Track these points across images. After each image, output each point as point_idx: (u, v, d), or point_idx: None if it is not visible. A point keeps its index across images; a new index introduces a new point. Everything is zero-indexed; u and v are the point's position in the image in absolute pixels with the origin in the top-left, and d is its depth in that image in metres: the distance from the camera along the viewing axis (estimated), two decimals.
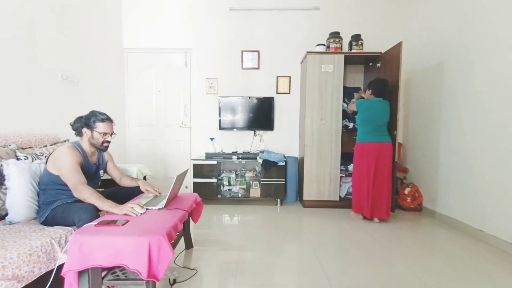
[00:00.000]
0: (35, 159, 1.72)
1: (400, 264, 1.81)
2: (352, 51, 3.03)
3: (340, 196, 3.04)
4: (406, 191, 3.05)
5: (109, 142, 1.72)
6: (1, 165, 1.53)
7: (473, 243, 2.17)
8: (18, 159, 1.65)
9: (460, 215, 2.48)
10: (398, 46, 2.60)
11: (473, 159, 2.35)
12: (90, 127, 1.64)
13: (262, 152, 3.16)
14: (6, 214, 1.51)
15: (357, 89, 3.28)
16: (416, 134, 3.14)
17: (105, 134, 1.67)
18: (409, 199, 3.01)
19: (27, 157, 1.69)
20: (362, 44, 3.02)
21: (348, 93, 3.19)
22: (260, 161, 3.02)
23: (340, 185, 3.04)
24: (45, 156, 1.77)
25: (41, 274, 1.22)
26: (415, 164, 3.16)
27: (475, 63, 2.33)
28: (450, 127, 2.61)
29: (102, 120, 1.66)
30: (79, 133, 1.67)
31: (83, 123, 1.65)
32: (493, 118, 2.16)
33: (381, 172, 2.53)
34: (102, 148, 1.71)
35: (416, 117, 3.13)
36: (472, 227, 2.32)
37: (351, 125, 3.03)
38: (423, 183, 3.00)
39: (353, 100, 2.84)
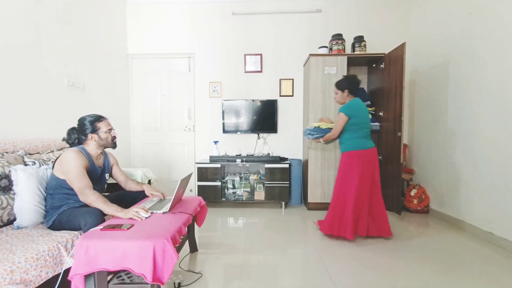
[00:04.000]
0: (42, 165, 1.75)
1: (406, 267, 1.78)
2: (355, 52, 3.02)
3: None
4: (413, 192, 3.01)
5: (115, 137, 1.78)
6: (10, 171, 1.56)
7: (483, 245, 2.13)
8: (26, 164, 1.68)
9: (469, 217, 2.43)
10: (402, 47, 2.58)
11: (481, 160, 2.31)
12: (95, 131, 1.67)
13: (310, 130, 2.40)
14: (15, 219, 1.54)
15: (361, 90, 3.26)
16: (421, 135, 3.11)
17: (109, 130, 1.72)
18: (415, 201, 2.97)
19: (34, 163, 1.72)
20: (365, 45, 3.01)
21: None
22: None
23: None
24: (52, 161, 1.80)
25: (48, 278, 1.23)
26: (421, 165, 3.12)
27: (483, 60, 2.29)
28: (457, 127, 2.58)
29: (100, 120, 1.71)
30: (79, 143, 1.69)
31: (85, 131, 1.66)
32: (502, 118, 2.12)
33: (376, 182, 2.20)
34: (113, 145, 1.76)
35: (422, 118, 3.10)
36: (481, 229, 2.28)
37: None
38: (430, 185, 2.96)
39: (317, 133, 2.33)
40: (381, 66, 2.97)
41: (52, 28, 2.28)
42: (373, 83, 3.23)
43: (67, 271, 1.27)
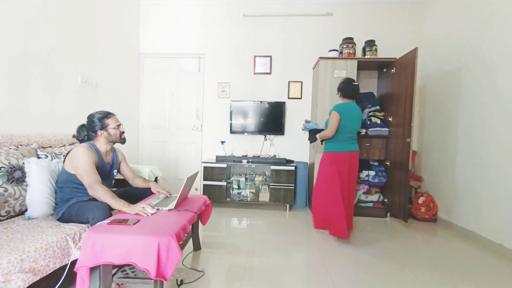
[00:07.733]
0: (54, 158, 1.80)
1: (412, 275, 1.75)
2: (366, 56, 2.99)
3: None
4: (420, 200, 2.95)
5: (124, 132, 1.81)
6: (23, 163, 1.62)
7: (493, 257, 2.07)
8: (38, 157, 1.73)
9: (478, 228, 2.37)
10: (414, 52, 2.54)
11: (492, 169, 2.25)
12: (104, 128, 1.70)
13: (308, 122, 2.56)
14: (26, 210, 1.59)
15: (370, 95, 3.23)
16: (431, 142, 3.05)
17: (118, 126, 1.75)
18: (423, 209, 2.91)
19: (47, 156, 1.77)
20: (376, 49, 2.98)
21: (361, 99, 3.14)
22: (307, 132, 2.54)
23: None
24: (64, 155, 1.85)
25: (56, 268, 1.26)
26: (430, 172, 3.06)
27: (497, 67, 2.24)
28: (468, 134, 2.52)
29: (109, 116, 1.74)
30: (89, 139, 1.74)
31: (94, 128, 1.70)
32: None
33: (352, 183, 2.33)
34: (122, 140, 1.79)
35: (432, 124, 3.04)
36: (491, 240, 2.21)
37: (363, 131, 2.97)
38: (439, 193, 2.90)
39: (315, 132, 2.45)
40: (392, 71, 2.93)
41: (66, 25, 2.35)
42: (383, 87, 3.19)
43: (73, 262, 1.30)
